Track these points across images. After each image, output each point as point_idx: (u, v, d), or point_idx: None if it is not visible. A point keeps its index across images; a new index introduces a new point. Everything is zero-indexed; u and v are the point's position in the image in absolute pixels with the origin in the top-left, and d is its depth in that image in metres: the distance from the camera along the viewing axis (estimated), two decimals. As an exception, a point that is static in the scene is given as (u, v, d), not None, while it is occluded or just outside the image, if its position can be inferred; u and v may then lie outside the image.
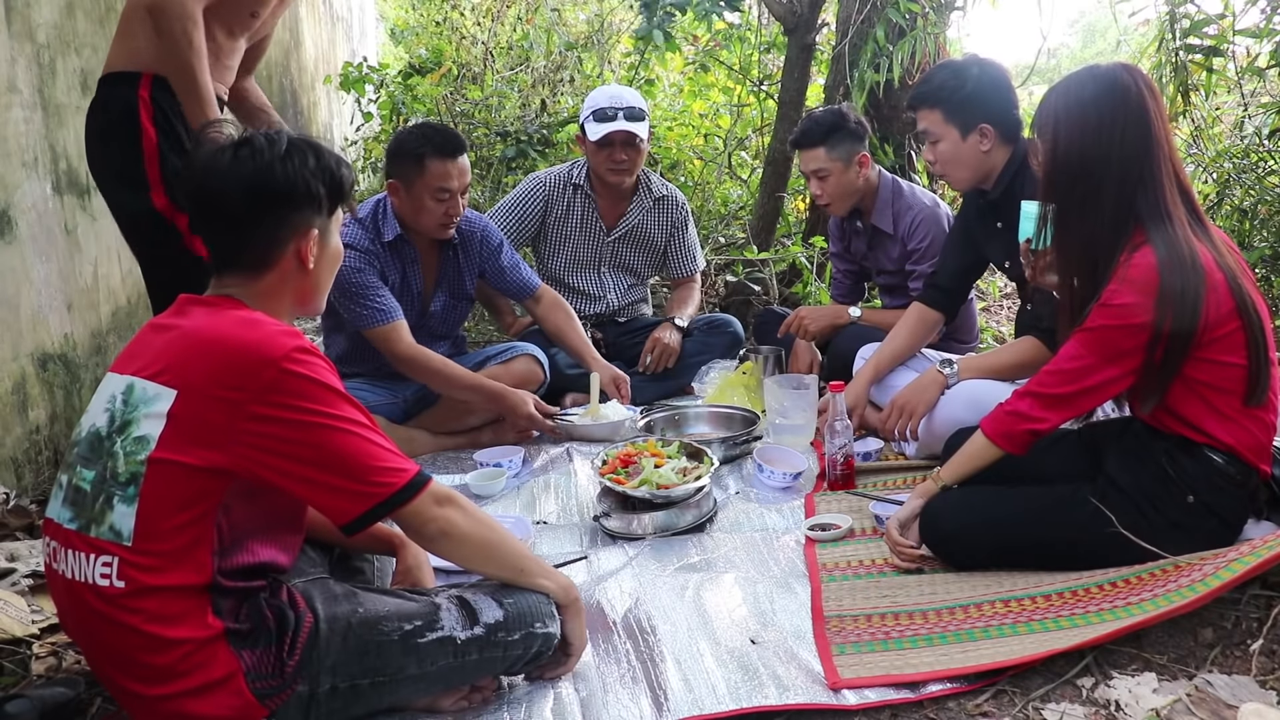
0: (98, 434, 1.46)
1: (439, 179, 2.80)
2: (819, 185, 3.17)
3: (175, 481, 1.39)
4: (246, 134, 1.54)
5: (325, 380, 1.44)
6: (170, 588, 1.39)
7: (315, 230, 1.57)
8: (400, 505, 1.48)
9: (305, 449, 1.41)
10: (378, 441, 1.47)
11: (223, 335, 1.43)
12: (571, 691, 1.71)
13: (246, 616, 1.46)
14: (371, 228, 2.90)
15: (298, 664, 1.46)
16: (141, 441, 1.40)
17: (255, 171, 1.50)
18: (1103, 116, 1.85)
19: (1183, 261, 1.77)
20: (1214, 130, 4.39)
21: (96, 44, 3.27)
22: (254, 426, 1.39)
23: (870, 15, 4.18)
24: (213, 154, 1.52)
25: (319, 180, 1.54)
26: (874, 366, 2.88)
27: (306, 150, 1.55)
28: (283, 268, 1.56)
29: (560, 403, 3.35)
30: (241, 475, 1.41)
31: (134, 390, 1.44)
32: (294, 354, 1.42)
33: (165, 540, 1.39)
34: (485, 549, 1.62)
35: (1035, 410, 1.92)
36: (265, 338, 1.42)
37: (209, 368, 1.40)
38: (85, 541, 1.42)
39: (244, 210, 1.50)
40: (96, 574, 1.40)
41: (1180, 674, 1.66)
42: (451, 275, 3.10)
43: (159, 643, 1.38)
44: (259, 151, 1.51)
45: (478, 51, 6.83)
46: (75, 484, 1.46)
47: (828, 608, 1.96)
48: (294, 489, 1.44)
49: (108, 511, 1.41)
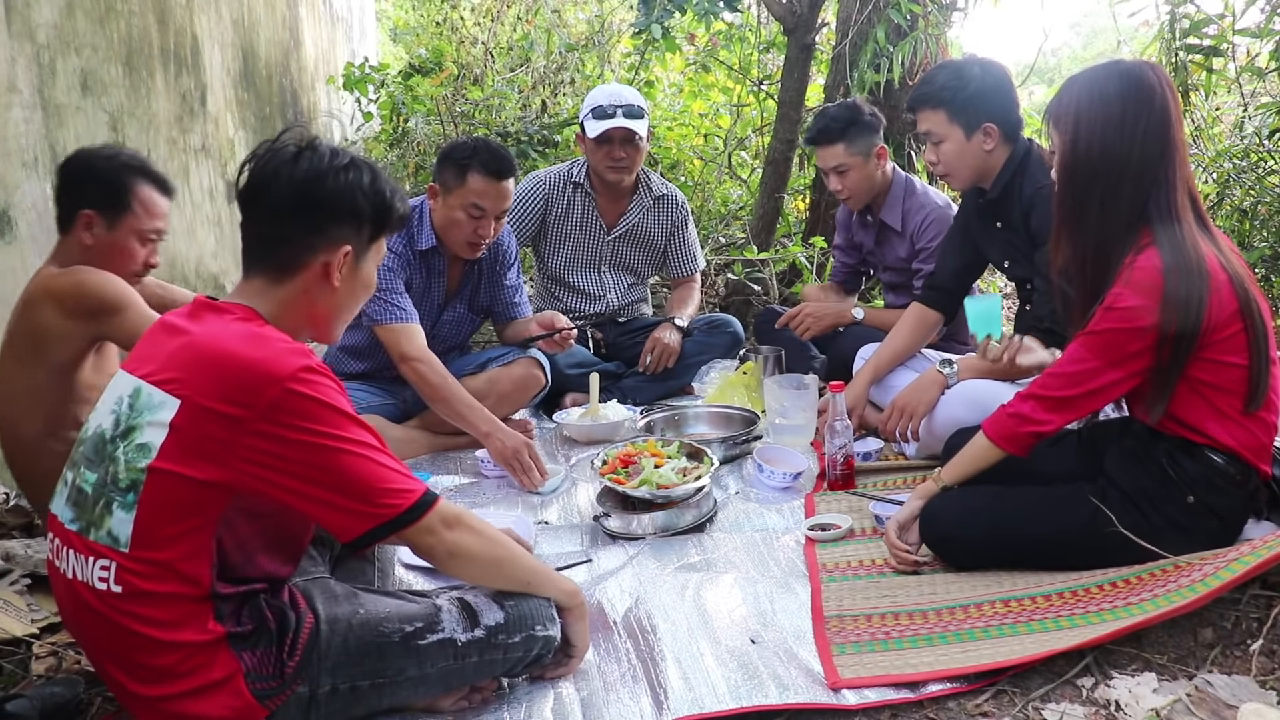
0: (102, 436, 1.46)
1: (476, 194, 2.80)
2: (839, 181, 3.16)
3: (174, 492, 1.39)
4: (316, 140, 1.56)
5: (331, 401, 1.43)
6: (168, 594, 1.39)
7: (349, 248, 1.55)
8: (406, 526, 1.47)
9: (309, 469, 1.41)
10: (384, 462, 1.46)
11: (230, 350, 1.41)
12: (572, 691, 1.71)
13: (248, 618, 1.46)
14: (404, 233, 2.89)
15: (298, 665, 1.46)
16: (143, 449, 1.40)
17: (308, 173, 1.51)
18: (1126, 112, 1.82)
19: (1188, 265, 1.77)
20: (1214, 130, 4.40)
21: (96, 44, 3.28)
22: (257, 443, 1.38)
23: (870, 15, 4.18)
24: (277, 150, 1.53)
25: (367, 200, 1.55)
26: (873, 367, 2.88)
27: (364, 169, 1.56)
28: (307, 278, 1.54)
29: (560, 403, 3.35)
30: (242, 491, 1.40)
31: (140, 395, 1.44)
32: (300, 374, 1.40)
33: (162, 549, 1.38)
34: (495, 567, 1.62)
35: (1038, 413, 1.91)
36: (272, 356, 1.41)
37: (213, 381, 1.39)
38: (84, 544, 1.42)
39: (285, 206, 1.51)
40: (95, 576, 1.40)
41: (1180, 674, 1.66)
42: (470, 288, 3.10)
43: (158, 645, 1.39)
44: (319, 158, 1.53)
45: (478, 52, 6.83)
46: (78, 484, 1.46)
47: (828, 608, 1.96)
48: (297, 505, 1.44)
49: (107, 516, 1.41)
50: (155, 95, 3.80)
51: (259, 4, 5.40)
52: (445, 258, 2.98)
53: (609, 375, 3.44)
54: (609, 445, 2.75)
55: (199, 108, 4.32)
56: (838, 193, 3.20)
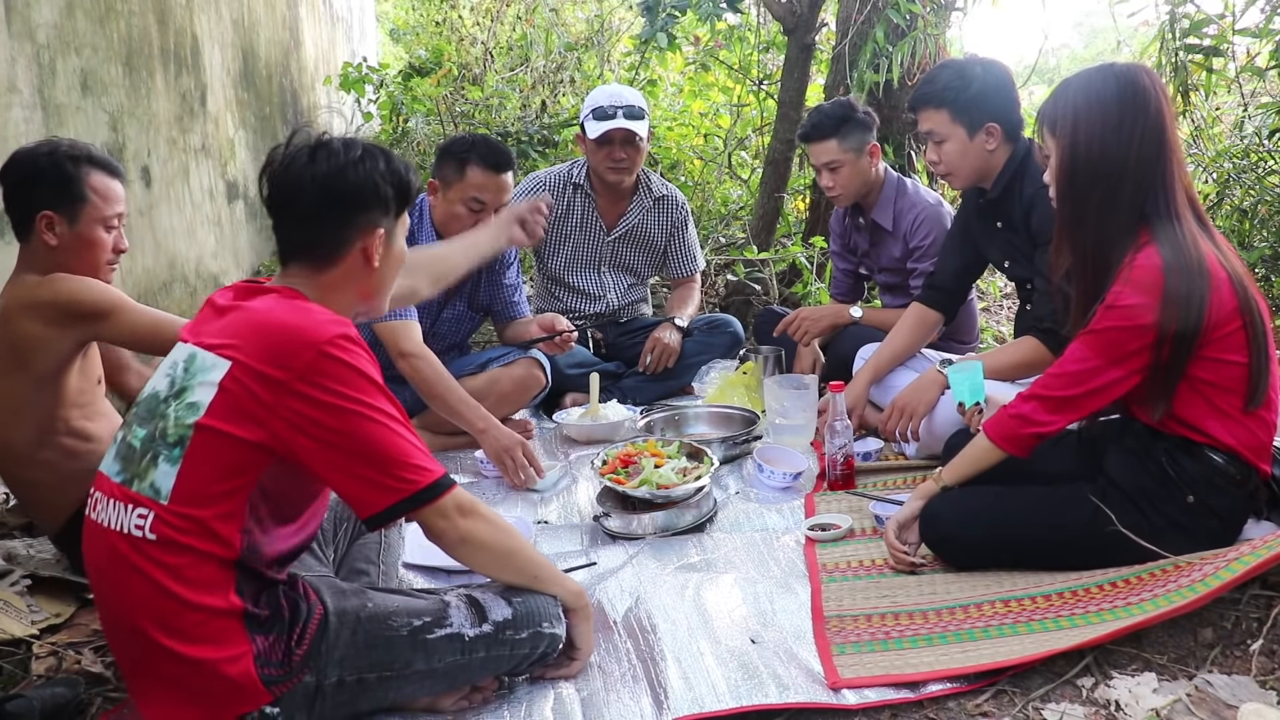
0: (156, 396, 1.52)
1: (475, 188, 2.81)
2: (831, 177, 3.16)
3: (219, 450, 1.43)
4: (325, 137, 1.61)
5: (364, 370, 1.48)
6: (199, 551, 1.42)
7: (382, 230, 1.62)
8: (425, 503, 1.50)
9: (337, 435, 1.45)
10: (408, 438, 1.51)
11: (276, 318, 1.48)
12: (572, 690, 1.71)
13: (266, 603, 1.48)
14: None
15: (305, 653, 1.47)
16: (193, 407, 1.45)
17: (330, 171, 1.56)
18: (1124, 116, 1.83)
19: (1189, 263, 1.77)
20: (1214, 130, 4.40)
21: (96, 44, 3.28)
22: (295, 404, 1.43)
23: (870, 15, 4.18)
24: (293, 153, 1.58)
25: (388, 183, 1.61)
26: (873, 367, 2.88)
27: (378, 155, 1.62)
28: (348, 264, 1.61)
29: (560, 403, 3.35)
30: (281, 454, 1.45)
31: (195, 359, 1.50)
32: (337, 339, 1.46)
33: (200, 506, 1.42)
34: (504, 557, 1.64)
35: (1040, 414, 1.91)
36: (313, 323, 1.47)
37: (260, 345, 1.45)
38: (126, 494, 1.46)
39: (316, 207, 1.57)
40: (132, 523, 1.44)
41: (1180, 674, 1.66)
42: (470, 286, 3.10)
43: (179, 602, 1.41)
44: (335, 154, 1.57)
45: (477, 52, 6.84)
46: (128, 440, 1.51)
47: (828, 607, 1.96)
48: (325, 474, 1.47)
49: (152, 469, 1.45)
50: (155, 95, 3.81)
51: (259, 4, 5.41)
52: None
53: (609, 375, 3.44)
54: (609, 445, 2.74)
55: (199, 108, 4.32)
56: (828, 189, 3.19)
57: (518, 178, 3.55)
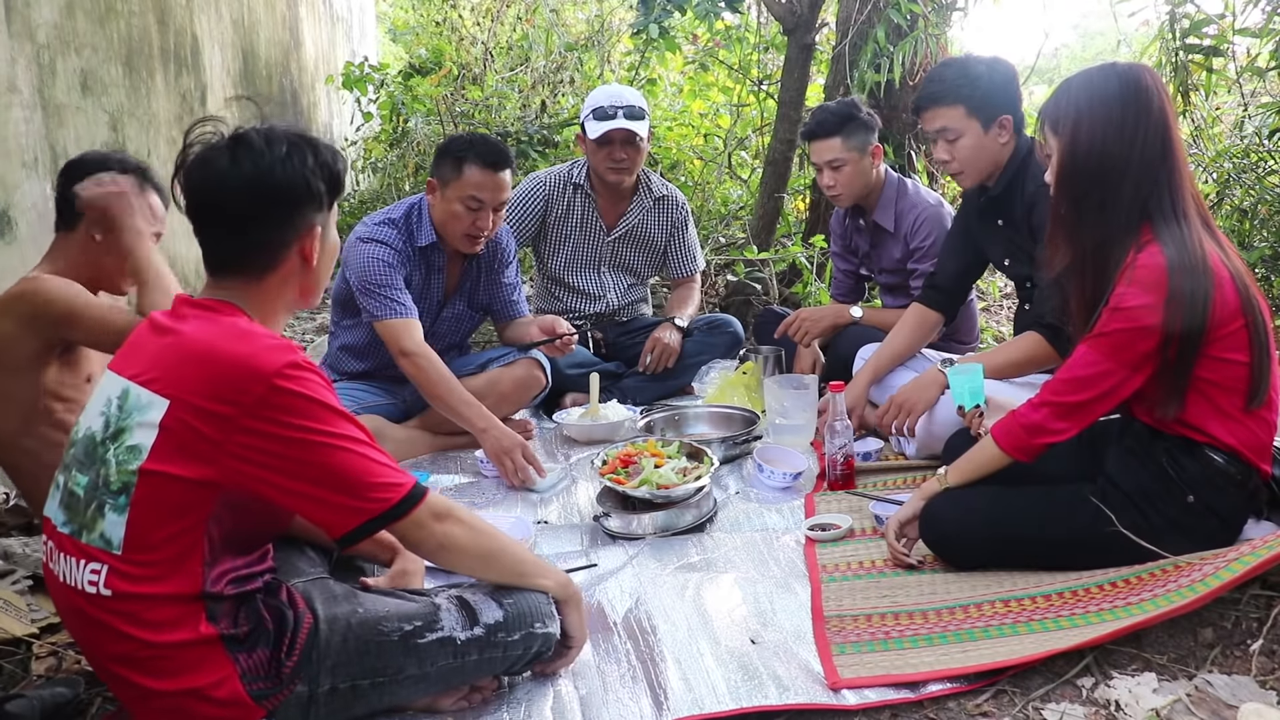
0: (93, 438, 1.46)
1: (473, 187, 2.81)
2: (832, 176, 3.15)
3: (166, 493, 1.39)
4: (240, 131, 1.51)
5: (318, 396, 1.42)
6: (159, 596, 1.39)
7: (318, 227, 1.55)
8: (396, 519, 1.47)
9: (297, 465, 1.40)
10: (373, 457, 1.46)
11: (215, 348, 1.41)
12: (571, 690, 1.71)
13: (245, 619, 1.46)
14: (405, 230, 2.90)
15: (296, 664, 1.46)
16: (134, 451, 1.40)
17: (256, 174, 1.47)
18: (1126, 116, 1.83)
19: (1193, 262, 1.77)
20: (1214, 130, 4.40)
21: (96, 44, 3.28)
22: (245, 440, 1.38)
23: (870, 15, 4.18)
24: (209, 156, 1.49)
25: (318, 177, 1.53)
26: (873, 367, 2.88)
27: (304, 147, 1.52)
28: (286, 268, 1.54)
29: (560, 403, 3.35)
30: (232, 489, 1.40)
31: (129, 396, 1.43)
32: (286, 370, 1.39)
33: (155, 550, 1.39)
34: (485, 559, 1.62)
35: (1052, 422, 1.90)
36: (258, 352, 1.40)
37: (200, 379, 1.39)
38: (76, 547, 1.42)
39: (246, 213, 1.48)
40: (85, 580, 1.40)
41: (1180, 674, 1.66)
42: (470, 285, 3.10)
43: (148, 646, 1.39)
44: (259, 153, 1.47)
45: (477, 52, 6.84)
46: (70, 487, 1.46)
47: (828, 608, 1.96)
48: (286, 502, 1.43)
49: (99, 519, 1.41)
50: (155, 95, 3.81)
51: (259, 4, 5.41)
52: (445, 254, 2.98)
53: (609, 375, 3.44)
54: (609, 445, 2.74)
55: (199, 108, 4.32)
56: (829, 189, 3.18)
57: (517, 178, 3.55)
